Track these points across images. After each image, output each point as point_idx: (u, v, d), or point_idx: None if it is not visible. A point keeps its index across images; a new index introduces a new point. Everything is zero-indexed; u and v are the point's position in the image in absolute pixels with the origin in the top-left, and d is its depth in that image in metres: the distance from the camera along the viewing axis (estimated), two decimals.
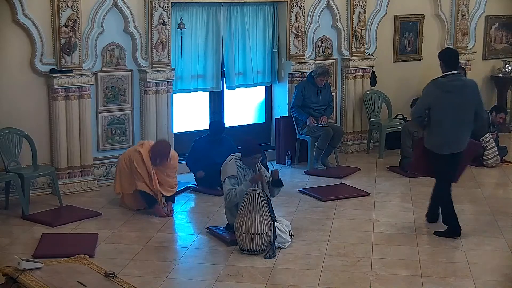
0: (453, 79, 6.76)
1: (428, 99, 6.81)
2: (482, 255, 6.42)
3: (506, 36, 11.99)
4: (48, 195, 8.09)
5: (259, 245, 6.32)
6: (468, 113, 6.74)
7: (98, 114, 8.42)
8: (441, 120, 6.72)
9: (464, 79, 7.06)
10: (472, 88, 6.82)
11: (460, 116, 6.71)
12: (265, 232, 6.32)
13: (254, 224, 6.27)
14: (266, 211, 6.38)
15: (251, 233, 6.28)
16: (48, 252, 6.20)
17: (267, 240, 6.38)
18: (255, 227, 6.27)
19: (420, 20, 10.92)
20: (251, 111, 10.20)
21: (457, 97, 6.67)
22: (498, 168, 9.50)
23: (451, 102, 6.66)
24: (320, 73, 9.28)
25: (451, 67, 6.80)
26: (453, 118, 6.69)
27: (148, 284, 5.70)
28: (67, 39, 7.94)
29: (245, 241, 6.33)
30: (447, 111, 6.69)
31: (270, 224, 6.37)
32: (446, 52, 7.11)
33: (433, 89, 6.81)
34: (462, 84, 6.80)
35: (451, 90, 6.70)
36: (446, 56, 6.91)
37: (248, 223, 6.28)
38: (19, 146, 7.76)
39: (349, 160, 9.89)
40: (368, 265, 6.14)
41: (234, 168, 6.65)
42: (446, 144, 6.75)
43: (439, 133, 6.76)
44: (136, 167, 7.41)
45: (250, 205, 6.31)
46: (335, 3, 9.93)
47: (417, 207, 7.79)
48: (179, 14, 8.84)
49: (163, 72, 8.61)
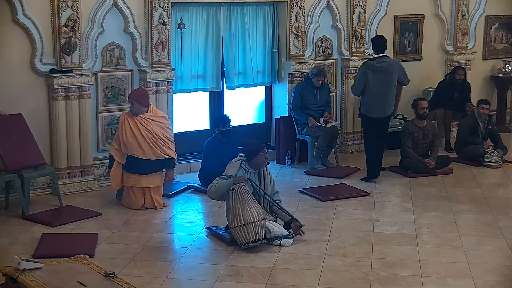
0: (380, 62, 8.62)
1: (364, 78, 8.68)
2: (482, 255, 6.42)
3: (506, 36, 11.98)
4: (48, 195, 8.09)
5: (260, 232, 6.37)
6: (390, 87, 8.68)
7: (98, 114, 8.42)
8: (370, 93, 8.65)
9: (389, 60, 8.75)
10: (394, 67, 8.70)
11: (384, 89, 8.62)
12: (262, 218, 6.41)
13: (250, 212, 6.36)
14: (255, 200, 6.50)
15: (251, 221, 6.34)
16: (48, 252, 6.19)
17: (264, 229, 6.42)
18: (253, 215, 6.35)
19: (420, 20, 10.92)
20: (251, 111, 10.20)
21: (381, 75, 8.59)
22: (498, 168, 9.50)
23: (378, 79, 8.58)
24: (316, 73, 9.28)
25: (379, 51, 8.73)
26: (379, 91, 8.60)
27: (148, 284, 5.70)
28: (67, 39, 7.94)
29: (247, 233, 6.35)
30: (375, 86, 8.60)
31: (262, 212, 6.47)
32: (375, 39, 8.98)
33: (365, 69, 8.70)
34: (387, 64, 8.63)
35: (377, 69, 8.59)
36: (375, 42, 8.87)
37: (244, 214, 6.35)
38: None
39: (349, 160, 9.89)
40: (368, 265, 6.14)
41: (235, 169, 6.67)
42: (373, 109, 8.68)
43: (369, 101, 8.72)
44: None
45: (241, 198, 6.39)
46: (335, 3, 9.93)
47: (417, 207, 7.80)
48: (179, 14, 8.84)
49: (163, 72, 8.61)
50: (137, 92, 7.92)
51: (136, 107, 7.62)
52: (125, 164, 7.66)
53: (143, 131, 7.57)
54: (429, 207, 7.83)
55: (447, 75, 10.81)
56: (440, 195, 8.28)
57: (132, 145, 7.56)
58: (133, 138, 7.57)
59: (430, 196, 8.23)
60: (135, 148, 7.56)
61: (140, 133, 7.57)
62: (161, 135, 7.65)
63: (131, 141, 7.56)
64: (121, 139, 7.60)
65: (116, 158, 7.67)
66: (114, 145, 7.73)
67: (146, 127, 7.59)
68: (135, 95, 7.76)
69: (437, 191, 8.44)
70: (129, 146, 7.57)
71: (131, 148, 7.57)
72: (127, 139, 7.57)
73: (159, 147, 7.62)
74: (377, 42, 8.84)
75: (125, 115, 7.70)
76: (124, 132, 7.59)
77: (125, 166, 7.67)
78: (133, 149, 7.57)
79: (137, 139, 7.57)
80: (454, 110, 10.40)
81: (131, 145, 7.56)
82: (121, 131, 7.63)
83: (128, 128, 7.59)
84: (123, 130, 7.60)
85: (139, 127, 7.58)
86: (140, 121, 7.61)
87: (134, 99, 7.66)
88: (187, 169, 9.11)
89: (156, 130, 7.63)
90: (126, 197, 7.74)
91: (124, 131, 7.59)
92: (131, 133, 7.58)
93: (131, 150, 7.57)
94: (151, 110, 7.75)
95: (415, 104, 9.34)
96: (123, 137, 7.58)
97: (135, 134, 7.57)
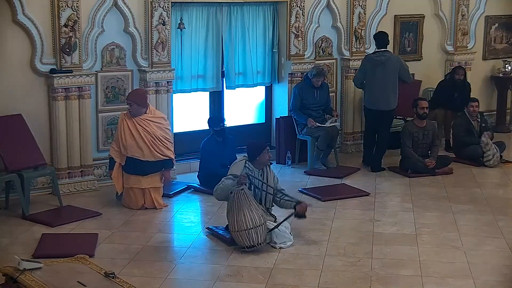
0: (379, 56, 9.14)
1: (362, 70, 9.31)
2: (482, 255, 6.42)
3: (506, 36, 11.98)
4: (48, 195, 8.08)
5: (255, 239, 6.32)
6: (390, 80, 9.09)
7: (98, 114, 8.42)
8: (371, 85, 9.18)
9: (388, 55, 9.21)
10: (393, 61, 9.15)
11: (383, 82, 9.06)
12: (257, 225, 6.34)
13: (244, 219, 6.31)
14: (254, 204, 6.43)
15: (244, 229, 6.31)
16: (48, 252, 6.19)
17: (264, 233, 6.38)
18: (246, 222, 6.31)
19: (420, 20, 10.92)
20: (251, 111, 10.20)
21: (380, 68, 9.07)
22: (498, 168, 9.50)
23: (376, 72, 9.08)
24: (316, 74, 9.28)
25: (379, 46, 9.27)
26: (378, 84, 9.08)
27: (148, 284, 5.70)
28: (67, 39, 7.94)
29: (242, 239, 6.34)
30: (373, 79, 9.12)
31: (261, 216, 6.40)
32: (377, 35, 9.48)
33: (365, 62, 9.29)
34: (386, 58, 9.10)
35: (376, 63, 9.09)
36: (377, 38, 9.40)
37: (239, 220, 6.33)
38: None
39: (349, 160, 9.88)
40: (368, 265, 6.14)
41: (240, 168, 6.67)
42: (374, 102, 9.17)
43: (368, 94, 9.32)
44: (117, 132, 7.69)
45: (237, 202, 6.36)
46: (335, 3, 9.93)
47: (417, 207, 7.79)
48: (179, 14, 8.84)
49: (163, 72, 8.61)
50: (135, 93, 7.92)
51: (135, 108, 7.61)
52: (124, 165, 7.65)
53: (142, 132, 7.56)
54: (429, 207, 7.83)
55: (447, 75, 10.81)
56: (440, 195, 8.28)
57: (131, 147, 7.55)
58: (132, 139, 7.56)
59: (430, 196, 8.23)
60: (134, 149, 7.56)
61: (139, 135, 7.56)
62: (160, 136, 7.65)
63: (131, 143, 7.55)
64: (120, 141, 7.59)
65: (116, 159, 7.66)
66: (114, 147, 7.72)
67: (145, 128, 7.58)
68: (133, 96, 7.75)
69: (437, 191, 8.43)
70: (129, 148, 7.56)
71: (131, 149, 7.56)
72: (126, 140, 7.56)
73: (158, 148, 7.61)
74: (379, 38, 9.35)
75: (124, 116, 7.69)
76: (123, 134, 7.58)
77: (125, 167, 7.66)
78: (132, 150, 7.56)
79: (136, 141, 7.55)
80: (454, 110, 10.39)
81: (131, 146, 7.55)
82: (120, 133, 7.62)
83: (127, 129, 7.58)
84: (122, 132, 7.60)
85: (138, 128, 7.57)
86: (139, 122, 7.60)
87: (132, 100, 7.65)
88: (187, 169, 9.10)
89: (155, 131, 7.62)
90: (126, 197, 7.73)
91: (123, 132, 7.59)
92: (130, 134, 7.57)
93: (130, 152, 7.57)
94: (150, 111, 7.74)
95: (415, 104, 9.33)
96: (122, 138, 7.57)
97: (134, 136, 7.56)
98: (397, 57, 9.52)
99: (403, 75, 9.23)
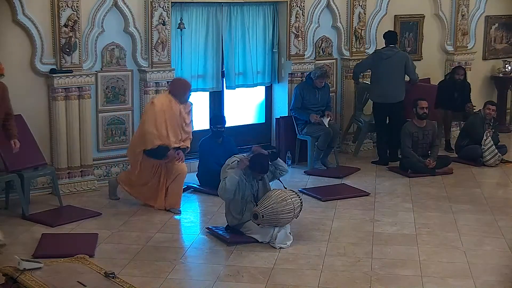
0: (387, 50, 9.52)
1: (367, 62, 9.73)
2: (482, 255, 6.42)
3: (506, 36, 11.99)
4: (48, 195, 8.08)
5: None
6: (396, 73, 9.48)
7: (98, 114, 8.42)
8: (378, 79, 9.51)
9: (396, 51, 9.54)
10: (399, 57, 9.52)
11: (389, 76, 9.42)
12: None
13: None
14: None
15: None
16: (48, 252, 6.19)
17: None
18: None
19: (420, 20, 10.93)
20: (251, 111, 10.20)
21: (387, 62, 9.42)
22: (498, 168, 9.51)
23: (383, 66, 9.43)
24: (319, 75, 9.27)
25: (388, 43, 9.60)
26: (385, 78, 9.42)
27: (148, 284, 5.70)
28: (67, 39, 7.94)
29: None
30: (380, 72, 9.47)
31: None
32: (386, 33, 9.76)
33: (372, 56, 9.74)
34: (393, 53, 9.48)
35: (383, 57, 9.45)
36: (386, 36, 9.70)
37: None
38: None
39: (349, 160, 9.89)
40: (368, 265, 6.15)
41: (232, 162, 6.67)
42: (382, 95, 9.49)
43: (375, 87, 9.61)
44: (151, 119, 7.38)
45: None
46: (335, 3, 9.94)
47: (417, 207, 7.80)
48: (179, 14, 8.84)
49: (163, 72, 8.61)
50: (183, 83, 7.79)
51: (185, 97, 7.62)
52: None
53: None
54: (429, 207, 7.84)
55: (447, 75, 10.81)
56: (440, 195, 8.28)
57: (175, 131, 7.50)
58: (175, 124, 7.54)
59: (430, 196, 8.23)
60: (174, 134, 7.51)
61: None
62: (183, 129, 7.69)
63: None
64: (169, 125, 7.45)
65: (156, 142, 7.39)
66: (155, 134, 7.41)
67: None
68: (181, 86, 7.67)
69: (437, 191, 8.44)
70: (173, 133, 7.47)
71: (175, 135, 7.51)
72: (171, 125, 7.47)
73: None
74: (388, 36, 9.69)
75: (163, 100, 7.49)
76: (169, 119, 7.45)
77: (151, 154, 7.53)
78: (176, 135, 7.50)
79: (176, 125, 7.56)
80: (454, 110, 10.41)
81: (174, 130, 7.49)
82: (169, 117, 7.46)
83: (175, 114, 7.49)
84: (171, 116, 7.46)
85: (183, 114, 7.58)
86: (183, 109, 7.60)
87: (184, 90, 7.61)
88: (187, 169, 9.08)
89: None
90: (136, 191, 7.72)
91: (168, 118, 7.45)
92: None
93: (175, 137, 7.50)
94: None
95: (415, 104, 9.33)
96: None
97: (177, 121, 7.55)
98: (404, 53, 9.82)
99: (409, 71, 9.57)
